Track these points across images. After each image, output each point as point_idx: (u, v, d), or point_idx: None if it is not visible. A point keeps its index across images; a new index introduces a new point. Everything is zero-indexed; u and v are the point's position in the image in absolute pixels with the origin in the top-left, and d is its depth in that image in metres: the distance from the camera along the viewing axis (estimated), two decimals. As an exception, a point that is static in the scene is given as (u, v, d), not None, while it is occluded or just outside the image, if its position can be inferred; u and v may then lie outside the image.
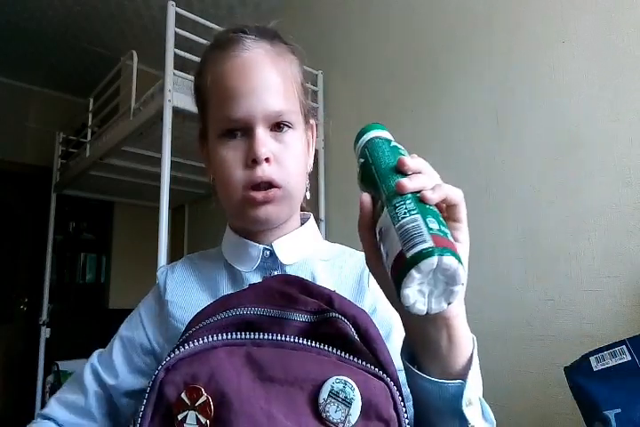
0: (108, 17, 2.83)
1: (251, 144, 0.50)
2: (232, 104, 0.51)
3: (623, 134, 1.29)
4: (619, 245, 1.25)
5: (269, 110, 0.51)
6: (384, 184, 0.35)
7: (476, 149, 1.62)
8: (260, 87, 0.51)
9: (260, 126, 0.51)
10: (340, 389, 0.28)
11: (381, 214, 0.34)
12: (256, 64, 0.52)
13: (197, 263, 0.61)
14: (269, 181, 0.50)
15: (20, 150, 3.48)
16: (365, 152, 0.40)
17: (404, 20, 1.96)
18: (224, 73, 0.52)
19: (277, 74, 0.52)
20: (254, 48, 0.53)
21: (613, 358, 0.96)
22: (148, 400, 0.29)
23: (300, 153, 0.55)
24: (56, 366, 2.61)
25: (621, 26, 1.32)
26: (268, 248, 0.55)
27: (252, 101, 0.50)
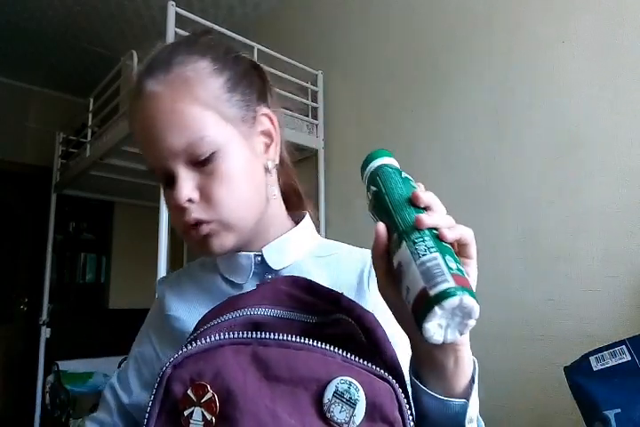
0: (108, 17, 2.83)
1: (175, 187, 0.49)
2: (146, 157, 0.51)
3: (623, 134, 1.29)
4: (619, 245, 1.25)
5: (174, 150, 0.48)
6: (399, 216, 0.37)
7: (476, 149, 1.62)
8: (158, 131, 0.48)
9: (178, 168, 0.49)
10: (345, 389, 0.28)
11: (400, 248, 0.35)
12: (150, 108, 0.49)
13: (195, 275, 0.60)
14: (197, 222, 0.49)
15: (20, 150, 3.48)
16: (377, 181, 0.41)
17: (404, 20, 1.96)
18: (132, 126, 0.53)
19: (174, 107, 0.48)
20: (146, 91, 0.49)
21: (613, 357, 0.96)
22: (156, 396, 0.29)
23: (235, 173, 0.51)
24: (56, 366, 2.61)
25: (621, 26, 1.32)
26: (258, 254, 0.55)
27: (155, 148, 0.49)
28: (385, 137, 1.95)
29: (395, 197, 0.39)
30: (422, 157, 1.77)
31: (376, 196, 0.40)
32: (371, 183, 0.42)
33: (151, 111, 0.49)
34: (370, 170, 0.43)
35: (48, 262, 2.94)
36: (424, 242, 0.34)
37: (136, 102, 0.51)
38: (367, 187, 0.43)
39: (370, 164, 0.44)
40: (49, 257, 2.94)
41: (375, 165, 0.43)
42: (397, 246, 0.35)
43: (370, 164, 0.44)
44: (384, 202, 0.39)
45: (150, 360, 0.58)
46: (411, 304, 0.32)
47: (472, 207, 1.56)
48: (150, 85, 0.49)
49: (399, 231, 0.36)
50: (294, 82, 2.19)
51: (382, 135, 1.96)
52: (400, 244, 0.35)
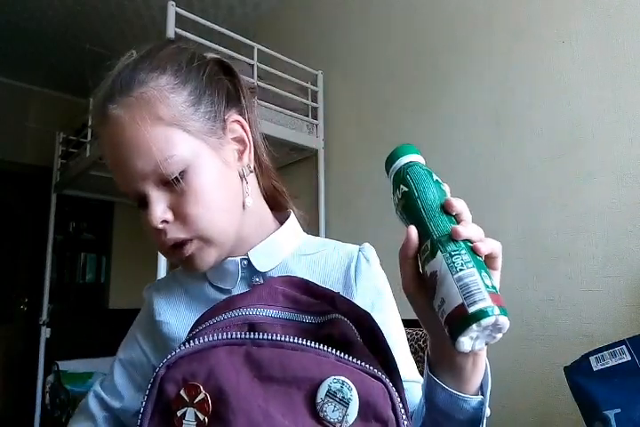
0: (108, 17, 2.83)
1: (148, 211, 0.48)
2: (116, 181, 0.51)
3: (623, 134, 1.29)
4: (619, 245, 1.25)
5: (141, 174, 0.48)
6: (433, 223, 0.38)
7: (476, 149, 1.62)
8: (122, 157, 0.48)
9: (148, 190, 0.49)
10: (338, 389, 0.28)
11: (434, 257, 0.36)
12: (114, 134, 0.48)
13: (183, 281, 0.60)
14: (176, 242, 0.49)
15: (20, 150, 3.48)
16: (408, 180, 0.40)
17: (404, 20, 1.96)
18: (101, 151, 0.53)
19: (137, 131, 0.47)
20: (109, 114, 0.48)
21: (613, 357, 0.96)
22: (149, 397, 0.29)
23: (207, 187, 0.50)
24: (56, 366, 2.61)
25: (621, 26, 1.32)
26: (244, 258, 0.55)
27: (122, 173, 0.49)
28: (385, 137, 1.95)
29: (427, 202, 0.39)
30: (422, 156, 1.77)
31: (406, 197, 0.40)
32: (400, 182, 0.41)
33: (116, 137, 0.48)
34: (398, 167, 0.42)
35: (48, 262, 2.94)
36: (460, 255, 0.35)
37: (101, 128, 0.50)
38: (394, 184, 0.42)
39: (397, 160, 0.43)
40: (49, 257, 2.95)
41: (404, 162, 0.42)
42: (432, 255, 0.36)
43: (397, 160, 0.43)
44: (416, 205, 0.39)
45: (141, 365, 0.57)
46: (445, 316, 0.34)
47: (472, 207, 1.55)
48: (112, 110, 0.48)
49: (433, 240, 0.37)
50: (294, 82, 2.19)
51: (382, 135, 1.96)
52: (435, 253, 0.36)
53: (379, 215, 1.91)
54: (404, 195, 0.40)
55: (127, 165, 0.48)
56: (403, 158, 0.43)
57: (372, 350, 0.34)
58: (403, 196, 0.40)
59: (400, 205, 0.41)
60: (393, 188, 0.42)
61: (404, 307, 0.63)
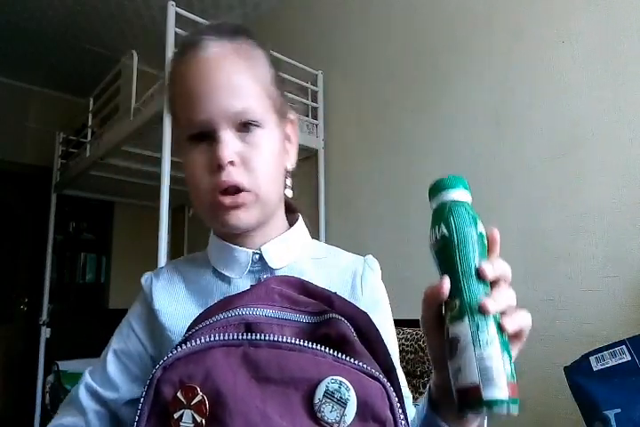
0: (108, 17, 2.83)
1: (214, 148, 0.49)
2: (192, 107, 0.50)
3: (623, 134, 1.29)
4: (619, 245, 1.25)
5: (230, 111, 0.49)
6: (466, 283, 0.36)
7: (476, 149, 1.62)
8: (217, 88, 0.49)
9: (223, 128, 0.49)
10: (336, 389, 0.28)
11: (461, 322, 0.35)
12: (213, 64, 0.50)
13: (182, 270, 0.59)
14: (236, 185, 0.49)
15: (20, 150, 3.48)
16: (450, 223, 0.38)
17: (404, 20, 1.96)
18: (184, 77, 0.51)
19: (237, 71, 0.50)
20: (211, 47, 0.51)
21: (613, 358, 0.96)
22: (145, 399, 0.29)
23: (271, 153, 0.52)
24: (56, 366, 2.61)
25: (621, 26, 1.32)
26: (257, 252, 0.54)
27: (210, 103, 0.49)
28: (385, 137, 1.95)
29: (465, 258, 0.37)
30: (422, 156, 1.77)
31: (445, 242, 0.38)
32: (442, 220, 0.39)
33: (212, 70, 0.50)
34: (443, 200, 0.40)
35: (48, 262, 2.94)
36: (487, 332, 0.34)
37: (193, 57, 0.51)
38: (435, 219, 0.39)
39: (444, 192, 0.40)
40: (49, 257, 2.95)
41: (451, 199, 0.40)
42: (458, 317, 0.35)
43: (444, 192, 0.40)
44: (453, 256, 0.37)
45: (138, 355, 0.56)
46: (458, 386, 0.34)
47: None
48: (215, 46, 0.51)
49: (463, 301, 0.36)
50: (294, 82, 2.19)
51: (382, 135, 1.96)
52: (462, 317, 0.35)
53: (379, 215, 1.91)
54: (443, 238, 0.38)
55: (216, 97, 0.49)
56: (451, 192, 0.40)
57: (369, 349, 0.34)
58: (442, 239, 0.38)
59: (436, 246, 0.39)
60: (433, 221, 0.40)
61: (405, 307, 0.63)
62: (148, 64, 2.47)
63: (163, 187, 1.62)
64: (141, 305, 0.59)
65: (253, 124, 0.50)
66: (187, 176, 0.52)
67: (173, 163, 1.75)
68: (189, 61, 0.51)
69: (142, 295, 0.59)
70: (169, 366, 0.30)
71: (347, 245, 0.65)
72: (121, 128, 2.14)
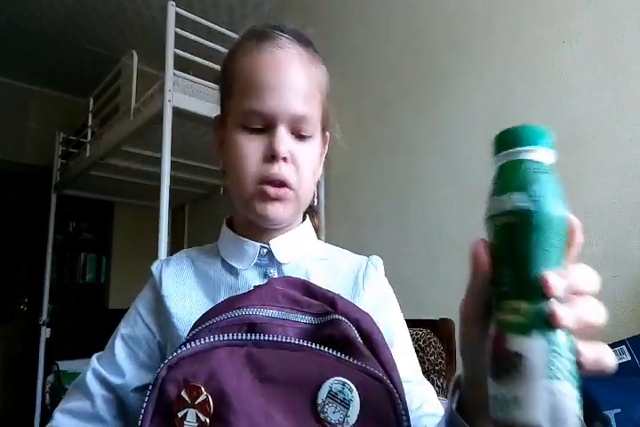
0: (108, 17, 2.83)
1: (272, 140, 0.50)
2: (259, 98, 0.51)
3: (623, 134, 1.29)
4: (619, 245, 1.25)
5: (294, 112, 0.51)
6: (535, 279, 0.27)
7: (476, 149, 1.62)
8: (289, 88, 0.51)
9: (282, 125, 0.51)
10: (339, 390, 0.28)
11: (527, 335, 0.26)
12: (289, 64, 0.52)
13: (193, 259, 0.60)
14: (284, 180, 0.51)
15: (20, 150, 3.48)
16: (535, 194, 0.28)
17: (404, 20, 1.96)
18: (256, 65, 0.52)
19: (307, 79, 0.53)
20: (289, 48, 0.53)
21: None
22: (150, 397, 0.29)
23: (313, 160, 0.56)
24: (56, 366, 2.61)
25: (621, 26, 1.32)
26: (265, 246, 0.56)
27: (279, 99, 0.51)
28: (385, 137, 1.95)
29: (545, 245, 0.28)
30: (422, 157, 1.77)
31: (522, 218, 0.28)
32: (520, 186, 0.29)
33: (289, 68, 0.52)
34: (524, 160, 0.29)
35: (48, 262, 2.94)
36: (561, 359, 0.26)
37: (269, 50, 0.52)
38: (504, 180, 0.30)
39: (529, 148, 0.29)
40: (49, 257, 2.95)
41: (537, 158, 0.29)
42: (523, 329, 0.27)
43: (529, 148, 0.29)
44: (526, 239, 0.28)
45: (146, 341, 0.56)
46: (509, 421, 0.26)
47: (472, 207, 1.56)
48: (291, 46, 0.53)
49: (534, 311, 0.27)
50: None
51: (382, 135, 1.96)
52: (529, 331, 0.27)
53: (379, 215, 1.91)
54: (520, 213, 0.28)
55: (286, 96, 0.51)
56: (539, 150, 0.29)
57: (372, 350, 0.34)
58: (517, 212, 0.28)
59: (502, 220, 0.29)
60: (502, 184, 0.30)
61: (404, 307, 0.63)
62: (148, 64, 2.48)
63: (163, 187, 1.62)
64: (150, 291, 0.59)
65: (305, 133, 0.53)
66: (232, 161, 0.53)
67: (173, 163, 1.75)
68: (264, 53, 0.52)
69: (151, 281, 0.60)
70: (174, 366, 0.30)
71: (347, 245, 0.65)
72: (121, 128, 2.14)
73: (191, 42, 1.82)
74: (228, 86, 0.56)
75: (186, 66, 1.86)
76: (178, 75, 1.78)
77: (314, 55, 0.56)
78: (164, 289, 0.56)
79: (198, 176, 2.61)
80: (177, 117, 1.77)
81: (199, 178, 2.64)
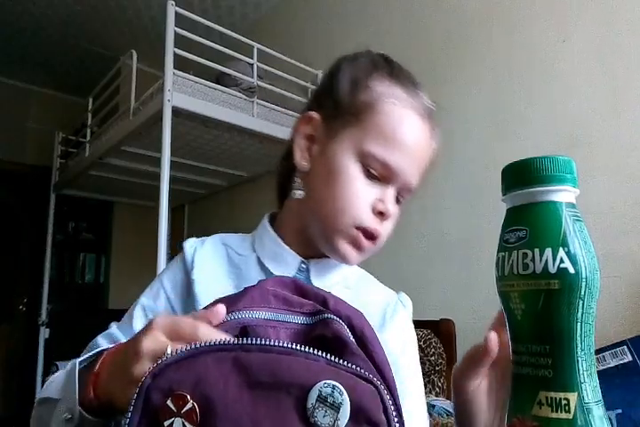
0: (108, 17, 2.83)
1: (386, 196, 0.53)
2: (394, 153, 0.52)
3: (623, 134, 1.29)
4: (619, 245, 1.25)
5: (410, 183, 0.55)
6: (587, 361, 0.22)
7: (476, 149, 1.62)
8: (418, 158, 0.55)
9: (395, 186, 0.54)
10: (329, 393, 0.28)
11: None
12: (425, 135, 0.56)
13: (229, 247, 0.59)
14: (379, 238, 0.53)
15: (20, 150, 3.48)
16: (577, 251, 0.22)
17: (404, 19, 1.96)
18: (403, 119, 0.54)
19: (428, 154, 0.57)
20: (428, 117, 0.57)
21: (614, 358, 0.96)
22: (135, 406, 0.29)
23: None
24: (55, 367, 2.60)
25: (621, 25, 1.32)
26: (305, 263, 0.56)
27: (409, 164, 0.53)
28: (385, 137, 1.94)
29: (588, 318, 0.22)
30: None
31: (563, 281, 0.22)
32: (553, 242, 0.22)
33: (425, 144, 0.56)
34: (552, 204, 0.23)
35: (47, 262, 2.94)
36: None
37: (418, 109, 0.56)
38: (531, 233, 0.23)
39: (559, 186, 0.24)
40: (48, 257, 2.94)
41: (569, 201, 0.24)
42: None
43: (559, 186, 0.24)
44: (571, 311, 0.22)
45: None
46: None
47: (472, 208, 1.56)
48: (431, 119, 0.58)
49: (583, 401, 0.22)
50: (294, 82, 2.19)
51: (382, 135, 1.96)
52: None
53: (378, 215, 1.91)
54: (563, 275, 0.21)
55: (410, 167, 0.54)
56: (569, 189, 0.24)
57: (364, 347, 0.33)
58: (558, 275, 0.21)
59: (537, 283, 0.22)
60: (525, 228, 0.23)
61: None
62: (147, 64, 2.48)
63: (162, 187, 1.62)
64: (180, 271, 0.57)
65: (403, 200, 0.57)
66: (337, 189, 0.53)
67: (173, 163, 1.74)
68: (413, 112, 0.55)
69: (182, 260, 0.58)
70: (158, 373, 0.29)
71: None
72: (120, 128, 2.13)
73: (191, 41, 1.82)
74: (357, 112, 0.55)
75: (185, 66, 1.86)
76: (177, 74, 1.77)
77: (436, 126, 0.60)
78: (195, 273, 0.55)
79: (198, 176, 2.61)
80: (176, 117, 1.77)
81: (199, 178, 2.64)
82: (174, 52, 1.76)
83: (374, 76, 0.57)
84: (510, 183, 0.25)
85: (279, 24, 2.72)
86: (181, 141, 2.06)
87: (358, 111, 0.54)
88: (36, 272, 3.16)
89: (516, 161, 0.25)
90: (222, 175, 2.65)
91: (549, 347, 0.23)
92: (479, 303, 1.43)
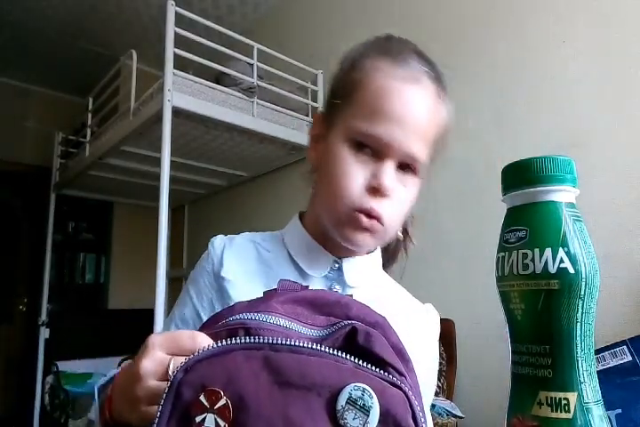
0: (108, 16, 2.83)
1: (379, 171, 0.49)
2: (381, 125, 0.49)
3: (623, 134, 1.29)
4: (619, 245, 1.25)
5: (408, 152, 0.50)
6: (587, 361, 0.22)
7: (476, 149, 1.62)
8: (412, 125, 0.50)
9: (392, 160, 0.50)
10: (359, 396, 0.28)
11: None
12: (419, 102, 0.51)
13: (259, 245, 0.58)
14: (378, 217, 0.50)
15: (20, 150, 3.48)
16: (576, 251, 0.22)
17: (404, 19, 1.96)
18: (386, 90, 0.50)
19: (430, 119, 0.52)
20: (424, 83, 0.51)
21: (614, 358, 0.96)
22: (166, 401, 0.29)
23: (411, 199, 0.54)
24: (55, 367, 2.61)
25: (621, 26, 1.32)
26: (337, 261, 0.55)
27: (399, 133, 0.49)
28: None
29: (589, 317, 0.22)
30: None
31: (564, 280, 0.21)
32: (553, 241, 0.22)
33: (414, 103, 0.50)
34: (552, 204, 0.23)
35: (47, 263, 2.93)
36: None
37: (399, 76, 0.51)
38: (531, 233, 0.23)
39: (559, 186, 0.23)
40: (48, 257, 2.94)
41: (568, 200, 0.24)
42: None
43: (559, 186, 0.23)
44: (572, 310, 0.21)
45: (193, 323, 0.55)
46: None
47: (472, 208, 1.56)
48: (424, 79, 0.51)
49: (583, 400, 0.22)
50: (294, 81, 2.19)
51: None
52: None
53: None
54: (563, 276, 0.21)
55: (403, 131, 0.49)
56: (569, 189, 0.24)
57: (390, 354, 0.33)
58: (558, 275, 0.21)
59: (537, 283, 0.22)
60: (524, 228, 0.23)
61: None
62: (147, 63, 2.48)
63: (162, 187, 1.62)
64: (206, 270, 0.56)
65: (412, 170, 0.52)
66: (332, 176, 0.51)
67: (173, 163, 1.74)
68: (398, 80, 0.51)
69: (209, 259, 0.57)
70: (190, 368, 0.29)
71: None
72: (120, 128, 2.13)
73: (191, 41, 1.81)
74: (348, 93, 0.53)
75: (185, 65, 1.86)
76: (177, 74, 1.77)
77: (442, 91, 0.54)
78: (224, 270, 0.54)
79: (198, 176, 2.61)
80: (176, 117, 1.77)
81: (199, 178, 2.64)
82: (174, 52, 1.76)
83: (366, 54, 0.55)
84: (510, 183, 0.25)
85: (279, 24, 2.72)
86: (181, 141, 2.06)
87: (348, 93, 0.53)
88: (36, 272, 3.16)
89: (516, 161, 0.25)
90: (222, 175, 2.65)
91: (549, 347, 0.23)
92: (479, 303, 1.43)
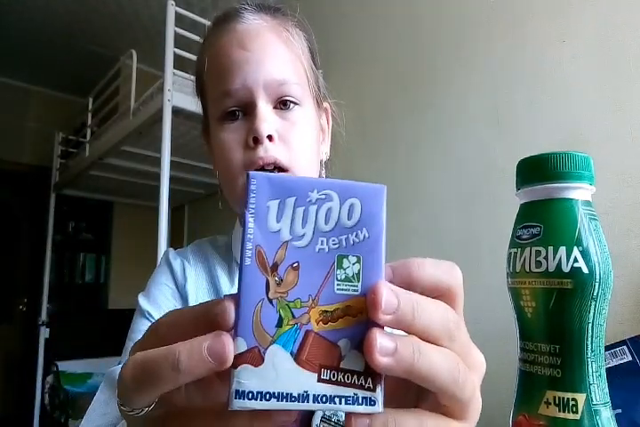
0: (108, 16, 2.83)
1: (252, 121, 0.44)
2: (227, 77, 0.45)
3: (623, 134, 1.28)
4: (619, 245, 1.24)
5: (270, 78, 0.45)
6: (596, 362, 0.22)
7: (476, 149, 1.62)
8: (258, 55, 0.45)
9: (261, 101, 0.45)
10: (333, 412, 0.27)
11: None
12: (254, 34, 0.46)
13: (209, 257, 0.55)
14: (273, 162, 0.44)
15: (20, 150, 3.48)
16: (592, 251, 0.21)
17: (404, 19, 1.96)
18: (219, 48, 0.47)
19: (280, 42, 0.47)
20: (253, 19, 0.48)
21: (614, 358, 0.96)
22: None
23: (309, 133, 0.48)
24: (55, 367, 2.61)
25: (621, 25, 1.32)
26: None
27: (249, 70, 0.45)
28: (385, 137, 1.95)
29: (601, 316, 0.22)
30: (422, 157, 1.77)
31: (577, 280, 0.21)
32: (568, 240, 0.21)
33: (251, 37, 0.46)
34: (568, 202, 0.22)
35: (47, 263, 2.94)
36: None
37: (229, 27, 0.47)
38: (545, 231, 0.22)
39: (570, 181, 0.22)
40: (48, 257, 2.94)
41: (586, 199, 0.23)
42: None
43: (570, 181, 0.22)
44: (584, 310, 0.21)
45: None
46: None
47: (472, 208, 1.56)
48: (254, 17, 0.48)
49: (591, 400, 0.22)
50: (294, 82, 2.19)
51: (382, 135, 1.96)
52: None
53: (378, 215, 1.91)
54: (577, 275, 0.21)
55: (254, 65, 0.45)
56: (586, 187, 0.23)
57: None
58: (572, 274, 0.21)
59: (550, 282, 0.21)
60: (539, 225, 0.22)
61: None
62: (147, 64, 2.47)
63: (162, 187, 1.62)
64: (170, 283, 0.54)
65: (292, 102, 0.46)
66: (217, 157, 0.48)
67: (173, 163, 1.74)
68: (224, 32, 0.47)
69: (170, 273, 0.54)
70: None
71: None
72: (120, 128, 2.13)
73: (191, 41, 1.81)
74: (202, 82, 0.51)
75: (185, 65, 1.86)
76: (177, 74, 1.77)
77: (284, 20, 0.51)
78: (187, 286, 0.52)
79: (198, 176, 2.61)
80: (176, 117, 1.77)
81: (199, 178, 2.64)
82: (174, 51, 1.76)
83: (206, 37, 0.52)
84: (526, 178, 0.25)
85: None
86: (181, 141, 2.06)
87: (201, 81, 0.51)
88: (36, 272, 3.16)
89: (533, 155, 0.25)
90: (222, 175, 2.65)
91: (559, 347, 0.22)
92: (479, 303, 1.43)
